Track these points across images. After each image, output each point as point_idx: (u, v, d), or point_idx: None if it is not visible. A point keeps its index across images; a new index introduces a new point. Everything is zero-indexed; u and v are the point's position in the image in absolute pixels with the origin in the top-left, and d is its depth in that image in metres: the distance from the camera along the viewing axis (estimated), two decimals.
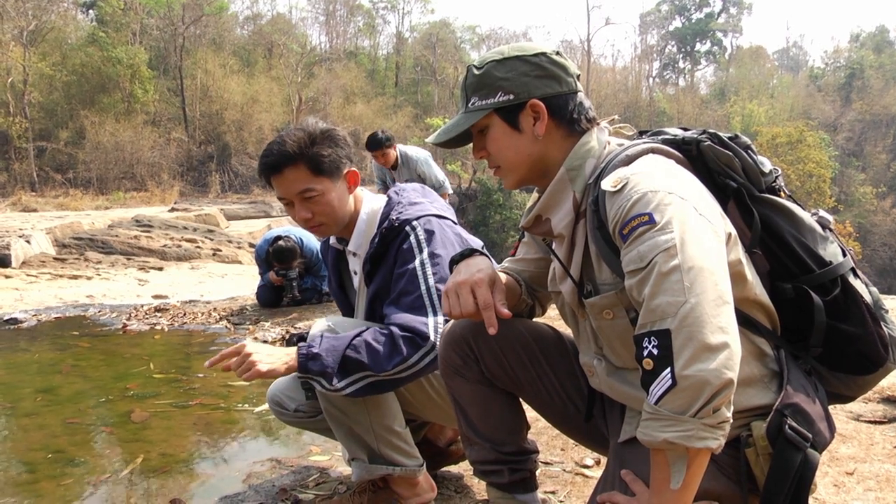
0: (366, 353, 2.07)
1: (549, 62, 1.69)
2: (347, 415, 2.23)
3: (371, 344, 2.08)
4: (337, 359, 2.07)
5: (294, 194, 2.25)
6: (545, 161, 1.73)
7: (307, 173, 2.22)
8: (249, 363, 2.03)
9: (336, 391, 2.10)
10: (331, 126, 2.32)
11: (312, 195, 2.24)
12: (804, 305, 1.63)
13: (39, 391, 4.40)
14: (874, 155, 51.79)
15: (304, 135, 2.23)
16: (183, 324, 6.72)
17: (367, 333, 2.11)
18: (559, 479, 2.60)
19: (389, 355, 2.08)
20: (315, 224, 2.31)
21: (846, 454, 2.66)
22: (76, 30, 41.22)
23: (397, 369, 2.09)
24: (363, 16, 57.97)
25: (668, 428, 1.35)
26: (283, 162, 2.21)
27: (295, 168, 2.22)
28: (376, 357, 2.07)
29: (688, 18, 65.41)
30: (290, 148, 2.21)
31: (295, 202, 2.27)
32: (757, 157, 1.68)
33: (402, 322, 2.12)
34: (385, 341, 2.09)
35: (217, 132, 39.66)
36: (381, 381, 2.12)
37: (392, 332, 2.10)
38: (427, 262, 2.20)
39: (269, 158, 2.23)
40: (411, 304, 2.16)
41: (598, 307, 1.66)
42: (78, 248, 14.22)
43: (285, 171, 2.22)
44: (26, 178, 32.39)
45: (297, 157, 2.21)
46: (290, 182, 2.24)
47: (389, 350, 2.08)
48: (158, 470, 3.07)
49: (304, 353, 2.08)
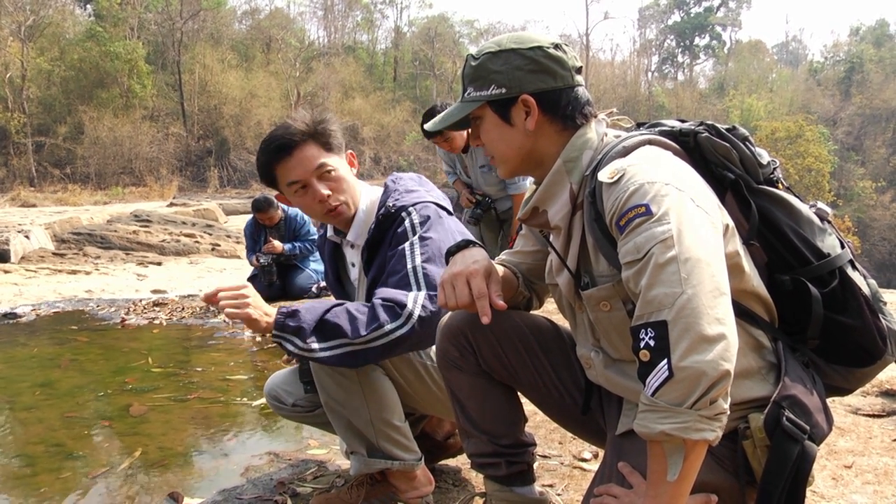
0: (345, 318, 2.05)
1: (545, 56, 1.67)
2: (347, 408, 2.23)
3: (351, 311, 2.07)
4: (315, 317, 2.05)
5: (310, 172, 2.23)
6: (537, 154, 1.73)
7: (319, 149, 2.23)
8: (243, 303, 2.01)
9: (310, 351, 2.04)
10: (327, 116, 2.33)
11: (330, 170, 2.24)
12: (802, 297, 1.63)
13: (38, 385, 4.41)
14: (873, 149, 51.77)
15: (304, 118, 2.25)
16: (181, 318, 6.71)
17: (349, 304, 2.10)
18: (557, 472, 2.59)
19: (367, 322, 2.05)
20: (333, 204, 2.28)
21: (845, 447, 2.66)
22: (74, 25, 41.27)
23: (373, 335, 2.04)
24: (361, 10, 57.98)
25: (665, 420, 1.34)
26: (294, 141, 2.21)
27: (306, 146, 2.22)
28: (354, 323, 2.05)
29: (687, 12, 65.36)
30: (298, 127, 2.21)
31: (311, 182, 2.24)
32: (755, 149, 1.67)
33: (385, 294, 2.11)
34: (366, 311, 2.08)
35: (215, 127, 39.71)
36: (356, 351, 2.06)
37: (373, 303, 2.09)
38: (416, 243, 2.20)
39: (278, 141, 2.22)
40: (397, 283, 2.15)
41: (595, 299, 1.66)
42: (77, 243, 14.24)
43: (296, 151, 2.21)
44: (25, 173, 32.43)
45: (307, 135, 2.21)
46: (304, 160, 2.23)
47: (368, 318, 2.06)
48: (157, 463, 3.07)
49: (285, 310, 2.06)
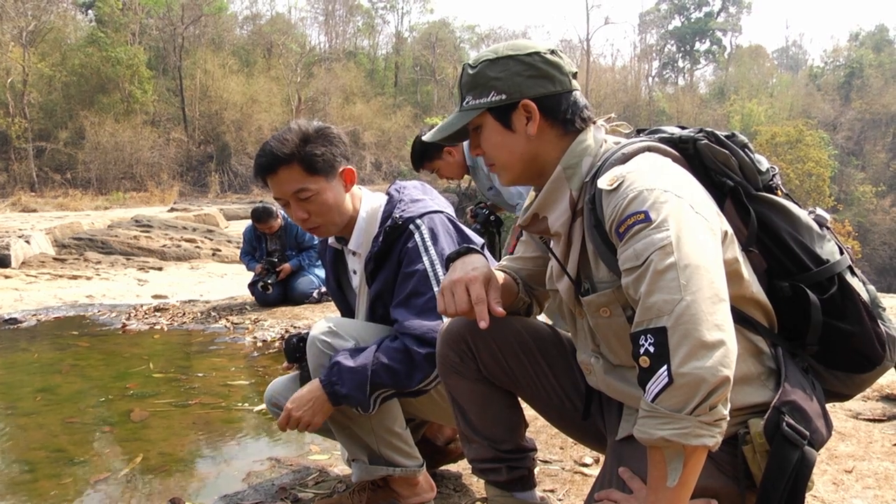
0: (387, 377, 2.11)
1: (543, 61, 1.68)
2: (349, 417, 2.24)
3: (390, 367, 2.10)
4: (365, 391, 2.10)
5: (289, 194, 2.23)
6: (539, 160, 1.73)
7: (301, 173, 2.20)
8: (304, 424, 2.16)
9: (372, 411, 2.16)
10: (325, 124, 2.30)
11: (308, 195, 2.22)
12: (801, 303, 1.63)
13: (39, 391, 4.41)
14: (873, 154, 51.77)
15: (296, 134, 2.21)
16: (182, 323, 6.72)
17: (381, 354, 2.12)
18: (558, 477, 2.60)
19: (409, 373, 2.11)
20: (312, 225, 2.29)
21: (845, 452, 2.66)
22: (75, 30, 41.33)
23: (421, 385, 2.14)
24: (362, 16, 58.03)
25: (665, 426, 1.35)
26: (277, 162, 2.19)
27: (289, 168, 2.19)
28: (398, 377, 2.11)
29: (687, 18, 65.42)
30: (283, 148, 2.19)
31: (291, 202, 2.25)
32: (754, 156, 1.67)
33: (416, 332, 2.12)
34: (402, 359, 2.11)
35: (216, 132, 39.71)
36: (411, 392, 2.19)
37: (408, 349, 2.12)
38: (437, 262, 2.20)
39: (263, 159, 2.22)
40: (423, 307, 2.16)
41: (595, 305, 1.66)
42: (77, 248, 14.22)
43: (279, 171, 2.20)
44: (26, 178, 32.44)
45: (291, 157, 2.19)
46: (284, 182, 2.22)
47: (408, 368, 2.11)
48: (158, 469, 3.07)
49: (331, 391, 2.11)
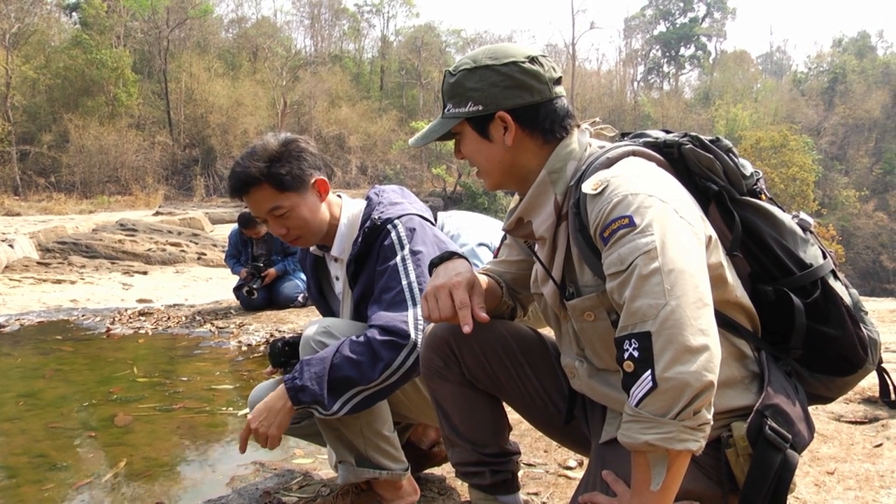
0: (349, 368, 2.08)
1: (520, 71, 1.67)
2: (339, 419, 2.23)
3: (351, 357, 2.08)
4: (323, 384, 2.08)
5: (264, 213, 2.29)
6: (519, 168, 1.74)
7: (272, 191, 2.25)
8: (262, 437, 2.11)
9: (334, 414, 2.11)
10: (292, 137, 2.34)
11: (282, 212, 2.27)
12: (785, 307, 1.64)
13: (22, 395, 4.37)
14: (857, 158, 52.28)
15: (262, 154, 2.25)
16: (167, 327, 6.68)
17: (344, 347, 2.11)
18: (542, 480, 2.60)
19: (372, 364, 2.07)
20: (292, 238, 2.34)
21: (827, 454, 2.67)
22: (59, 32, 41.01)
23: (384, 375, 2.09)
24: (348, 19, 57.93)
25: (649, 430, 1.36)
26: (246, 185, 2.25)
27: (259, 188, 2.25)
28: (360, 368, 2.07)
29: (672, 23, 65.85)
30: (250, 169, 2.23)
31: (268, 219, 2.31)
32: (738, 160, 1.69)
33: (382, 323, 2.12)
34: (363, 350, 2.09)
35: (202, 136, 39.54)
36: (374, 393, 2.13)
37: (369, 339, 2.10)
38: (408, 257, 2.22)
39: (233, 182, 2.28)
40: (392, 300, 2.17)
41: (579, 309, 1.66)
42: (62, 252, 14.14)
43: (251, 192, 2.26)
44: (9, 182, 32.15)
45: (259, 178, 2.23)
46: (257, 202, 2.28)
47: (370, 358, 2.08)
48: (142, 474, 3.05)
49: (291, 386, 2.10)
